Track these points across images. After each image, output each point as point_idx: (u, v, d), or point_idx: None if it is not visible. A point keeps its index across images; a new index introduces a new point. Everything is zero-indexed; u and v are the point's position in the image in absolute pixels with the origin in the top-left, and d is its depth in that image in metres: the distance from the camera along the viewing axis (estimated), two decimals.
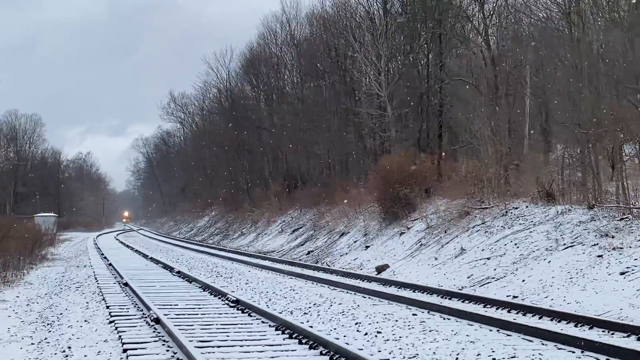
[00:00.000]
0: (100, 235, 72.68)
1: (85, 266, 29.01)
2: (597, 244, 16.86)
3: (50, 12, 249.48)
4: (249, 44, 67.88)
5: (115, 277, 22.81)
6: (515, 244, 19.70)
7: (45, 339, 11.92)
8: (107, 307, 15.36)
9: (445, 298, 16.02)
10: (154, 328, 12.31)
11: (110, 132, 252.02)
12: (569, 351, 9.91)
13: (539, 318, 12.67)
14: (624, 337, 10.77)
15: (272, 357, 9.76)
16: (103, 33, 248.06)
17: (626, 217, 18.00)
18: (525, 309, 13.40)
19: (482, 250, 20.75)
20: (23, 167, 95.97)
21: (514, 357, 9.61)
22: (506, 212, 22.99)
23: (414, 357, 9.80)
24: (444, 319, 13.17)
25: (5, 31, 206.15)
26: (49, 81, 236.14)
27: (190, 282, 20.89)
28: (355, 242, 31.26)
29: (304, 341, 10.65)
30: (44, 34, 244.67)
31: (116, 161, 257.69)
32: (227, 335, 11.45)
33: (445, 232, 24.56)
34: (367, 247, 29.06)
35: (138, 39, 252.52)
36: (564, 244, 17.83)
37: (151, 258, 32.79)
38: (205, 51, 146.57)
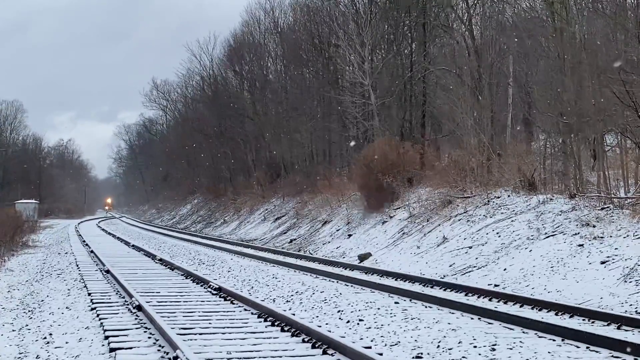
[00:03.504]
0: (81, 222, 72.34)
1: (66, 253, 28.86)
2: (578, 233, 16.97)
3: None
4: (232, 31, 67.70)
5: (97, 265, 22.71)
6: (497, 233, 19.78)
7: (27, 325, 11.85)
8: (89, 294, 15.30)
9: (427, 286, 16.07)
10: (136, 315, 12.28)
11: (100, 118, 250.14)
12: (550, 339, 9.97)
13: (520, 306, 12.74)
14: (604, 325, 10.85)
15: (255, 345, 9.75)
16: (98, 17, 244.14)
17: (607, 207, 18.12)
18: (507, 298, 13.46)
19: (464, 239, 20.82)
20: (3, 153, 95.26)
21: (495, 344, 9.66)
22: (488, 201, 23.08)
23: (396, 344, 9.84)
24: (426, 307, 13.22)
25: None
26: (41, 66, 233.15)
27: (173, 270, 20.84)
28: (337, 230, 31.29)
29: (286, 329, 10.66)
30: (37, 17, 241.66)
31: (102, 148, 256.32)
32: (210, 323, 11.44)
33: (428, 220, 24.62)
34: (349, 235, 29.09)
35: (134, 24, 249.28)
36: (545, 233, 17.93)
37: (133, 245, 32.68)
38: (200, 38, 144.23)
